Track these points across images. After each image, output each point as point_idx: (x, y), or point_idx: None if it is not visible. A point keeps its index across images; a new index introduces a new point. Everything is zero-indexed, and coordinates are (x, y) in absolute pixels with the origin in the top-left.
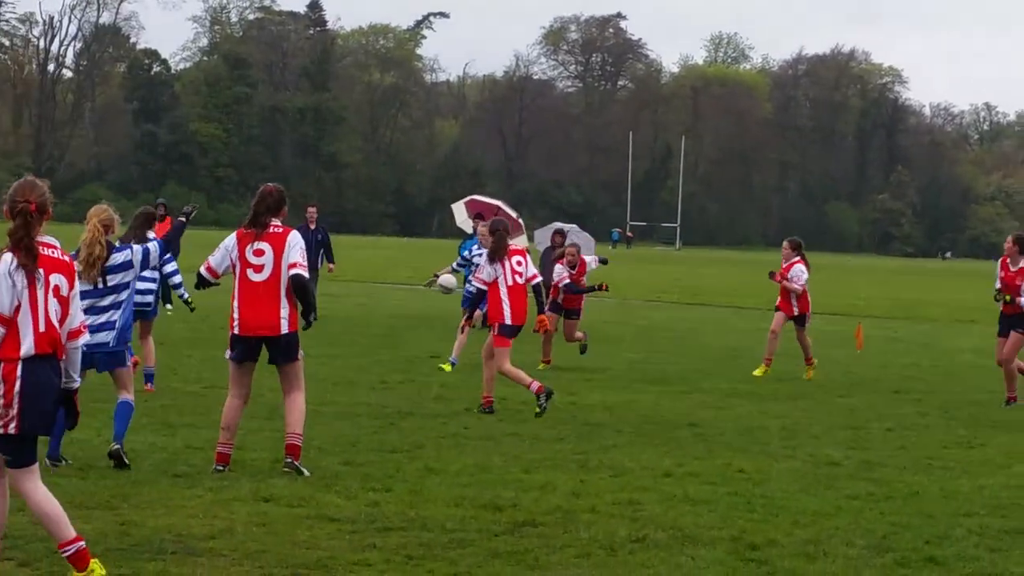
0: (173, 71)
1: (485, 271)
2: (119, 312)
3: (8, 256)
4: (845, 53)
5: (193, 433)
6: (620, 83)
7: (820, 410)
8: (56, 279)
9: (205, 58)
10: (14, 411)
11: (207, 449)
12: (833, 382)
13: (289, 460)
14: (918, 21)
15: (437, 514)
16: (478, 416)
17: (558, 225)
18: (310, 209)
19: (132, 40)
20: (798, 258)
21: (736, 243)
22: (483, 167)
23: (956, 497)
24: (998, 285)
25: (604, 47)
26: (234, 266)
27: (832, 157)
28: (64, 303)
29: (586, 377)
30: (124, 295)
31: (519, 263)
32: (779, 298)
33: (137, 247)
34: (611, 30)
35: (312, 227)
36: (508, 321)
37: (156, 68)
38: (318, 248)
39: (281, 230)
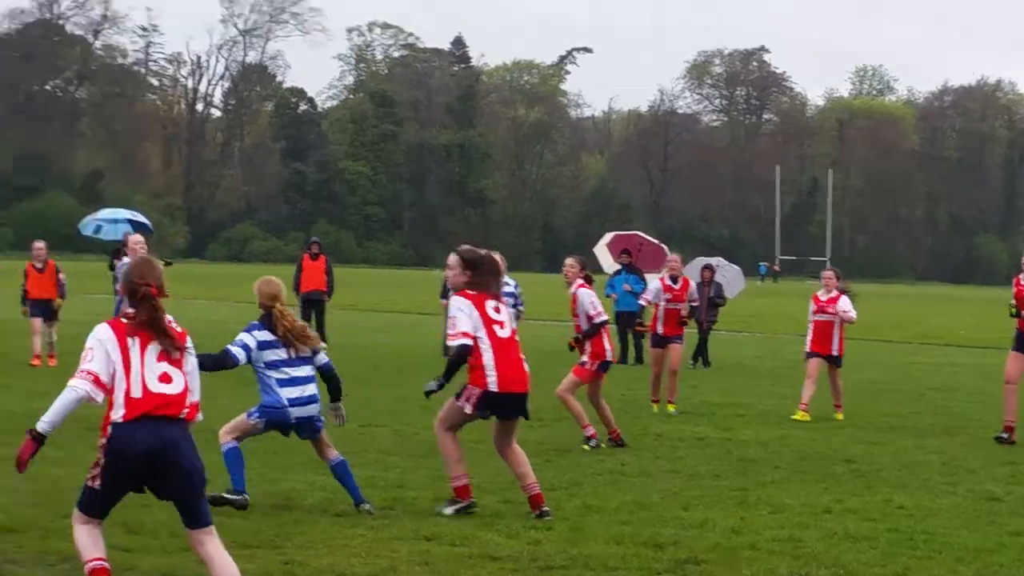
0: (319, 109)
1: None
2: (314, 383)
3: (104, 327)
4: (991, 84)
5: None
6: (765, 116)
7: (978, 445)
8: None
9: (351, 96)
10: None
11: (363, 487)
12: (990, 416)
13: (546, 509)
14: None
15: (598, 552)
16: (634, 453)
17: (705, 260)
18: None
19: (278, 79)
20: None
21: (885, 276)
22: (630, 202)
23: None
24: (1013, 300)
25: (748, 80)
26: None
27: (980, 188)
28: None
29: (739, 413)
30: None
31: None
32: (814, 338)
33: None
34: (755, 63)
35: None
36: (608, 358)
37: (303, 106)
38: None
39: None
